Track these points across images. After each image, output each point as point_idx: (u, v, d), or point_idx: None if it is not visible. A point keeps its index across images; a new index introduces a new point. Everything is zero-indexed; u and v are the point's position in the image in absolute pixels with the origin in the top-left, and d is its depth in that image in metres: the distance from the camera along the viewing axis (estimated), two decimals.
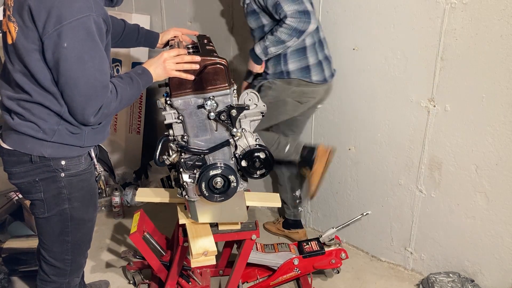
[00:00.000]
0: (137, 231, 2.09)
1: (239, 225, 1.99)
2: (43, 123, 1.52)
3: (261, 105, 1.83)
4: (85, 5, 1.40)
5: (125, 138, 3.48)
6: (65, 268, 1.75)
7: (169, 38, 2.01)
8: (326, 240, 2.35)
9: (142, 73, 1.63)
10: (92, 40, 1.42)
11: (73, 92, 1.44)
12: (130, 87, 1.57)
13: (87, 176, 1.67)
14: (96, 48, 1.43)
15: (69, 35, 1.38)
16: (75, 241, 1.71)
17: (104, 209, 3.11)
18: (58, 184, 1.60)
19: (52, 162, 1.57)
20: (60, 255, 1.72)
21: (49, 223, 1.65)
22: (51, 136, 1.53)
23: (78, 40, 1.39)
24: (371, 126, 2.41)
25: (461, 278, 2.26)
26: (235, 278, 2.08)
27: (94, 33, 1.42)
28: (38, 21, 1.40)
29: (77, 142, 1.58)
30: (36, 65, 1.46)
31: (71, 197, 1.63)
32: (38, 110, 1.52)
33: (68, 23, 1.37)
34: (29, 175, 1.58)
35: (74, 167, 1.61)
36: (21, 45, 1.45)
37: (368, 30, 2.26)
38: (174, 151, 1.82)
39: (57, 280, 1.77)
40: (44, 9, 1.38)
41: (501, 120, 2.00)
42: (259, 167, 1.80)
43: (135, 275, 2.40)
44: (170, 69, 1.65)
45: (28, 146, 1.54)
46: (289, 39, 2.14)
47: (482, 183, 2.13)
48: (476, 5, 1.92)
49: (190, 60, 1.66)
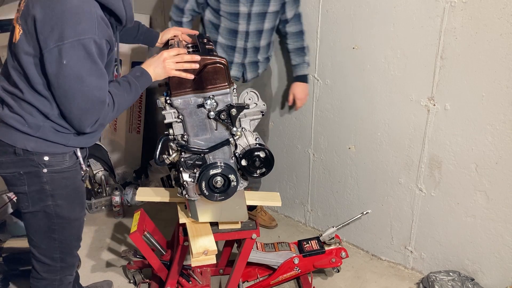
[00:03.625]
0: (137, 231, 2.09)
1: (239, 224, 1.99)
2: (29, 117, 1.55)
3: (261, 104, 1.83)
4: (88, 27, 1.41)
5: (125, 138, 3.48)
6: (55, 265, 1.77)
7: (169, 37, 2.01)
8: (326, 239, 2.35)
9: (141, 75, 1.64)
10: (92, 61, 1.44)
11: (70, 105, 1.47)
12: (128, 94, 1.60)
13: (72, 174, 1.67)
14: (95, 67, 1.45)
15: (69, 53, 1.40)
16: (63, 239, 1.73)
17: (105, 208, 3.11)
18: (41, 179, 1.61)
19: (35, 157, 1.58)
20: (49, 253, 1.74)
21: (35, 219, 1.67)
22: (35, 131, 1.56)
23: (78, 59, 1.41)
24: (371, 125, 2.41)
25: (461, 276, 2.27)
26: (236, 277, 2.08)
27: (94, 54, 1.43)
28: (41, 34, 1.41)
29: (61, 140, 1.60)
30: (31, 69, 1.49)
31: (54, 194, 1.64)
32: (27, 106, 1.55)
33: (69, 42, 1.39)
34: (13, 166, 1.60)
35: (57, 164, 1.62)
36: (21, 48, 1.48)
37: (367, 29, 2.26)
38: (174, 151, 1.82)
39: (48, 277, 1.79)
40: (49, 24, 1.40)
41: (501, 119, 2.00)
42: (259, 166, 1.80)
43: (135, 275, 2.40)
44: (170, 69, 1.65)
45: (12, 138, 1.57)
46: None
47: (482, 181, 2.13)
48: (476, 4, 1.92)
49: (190, 60, 1.66)
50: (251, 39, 2.34)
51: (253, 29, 2.31)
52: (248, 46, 2.35)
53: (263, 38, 2.37)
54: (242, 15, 2.26)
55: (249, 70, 2.44)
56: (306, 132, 2.72)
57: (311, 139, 2.70)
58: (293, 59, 2.50)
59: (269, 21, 2.34)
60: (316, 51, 2.51)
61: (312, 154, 2.75)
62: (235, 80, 2.37)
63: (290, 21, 2.41)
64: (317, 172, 2.77)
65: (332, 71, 2.49)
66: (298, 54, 2.47)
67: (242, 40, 2.33)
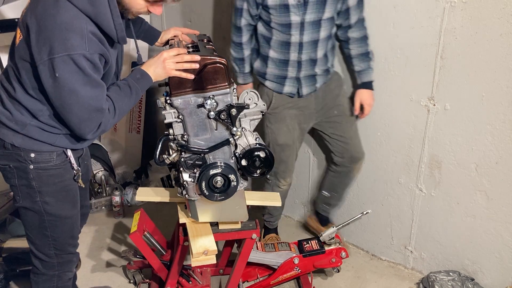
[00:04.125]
0: (137, 231, 2.09)
1: (240, 224, 1.99)
2: (17, 114, 1.57)
3: (261, 104, 1.83)
4: (78, 43, 1.41)
5: (125, 138, 3.48)
6: (51, 261, 1.79)
7: (169, 37, 2.01)
8: (326, 239, 2.35)
9: (141, 77, 1.65)
10: (84, 74, 1.44)
11: (68, 115, 1.50)
12: (129, 97, 1.61)
13: (59, 172, 1.67)
14: (88, 79, 1.46)
15: (61, 67, 1.41)
16: (55, 236, 1.74)
17: (105, 208, 3.11)
18: (28, 175, 1.63)
19: (22, 153, 1.61)
20: (43, 249, 1.76)
21: (27, 214, 1.71)
22: (21, 128, 1.58)
23: (70, 73, 1.42)
24: (371, 124, 2.41)
25: (461, 276, 2.27)
26: (236, 277, 2.08)
27: (85, 68, 1.44)
28: (34, 45, 1.43)
29: (47, 140, 1.61)
30: (26, 74, 1.52)
31: (42, 191, 1.65)
32: (17, 104, 1.57)
33: (59, 57, 1.40)
34: (4, 159, 1.64)
35: (43, 161, 1.63)
36: (18, 53, 1.52)
37: (368, 28, 2.26)
38: (174, 151, 1.82)
39: (46, 273, 1.81)
40: (41, 37, 1.42)
41: (501, 119, 2.00)
42: (259, 166, 1.80)
43: (135, 275, 2.40)
44: (170, 69, 1.65)
45: (2, 132, 1.60)
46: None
47: (482, 181, 2.13)
48: (476, 3, 1.92)
49: (190, 59, 1.66)
50: (306, 51, 2.16)
51: (308, 40, 2.14)
52: (302, 58, 2.18)
53: (319, 48, 2.18)
54: (295, 25, 2.09)
55: (305, 84, 2.25)
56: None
57: (311, 139, 2.70)
58: (357, 65, 2.28)
59: (325, 29, 2.15)
60: None
61: (312, 154, 2.75)
62: (289, 96, 2.27)
63: (353, 26, 2.20)
64: (317, 172, 2.77)
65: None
66: (362, 60, 2.26)
67: (296, 52, 2.16)
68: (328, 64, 2.28)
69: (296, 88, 2.26)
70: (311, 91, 2.28)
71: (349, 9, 2.17)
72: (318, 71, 2.24)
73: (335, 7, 2.14)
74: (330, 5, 2.11)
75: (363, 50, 2.25)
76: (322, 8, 2.10)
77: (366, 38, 2.24)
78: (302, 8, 2.07)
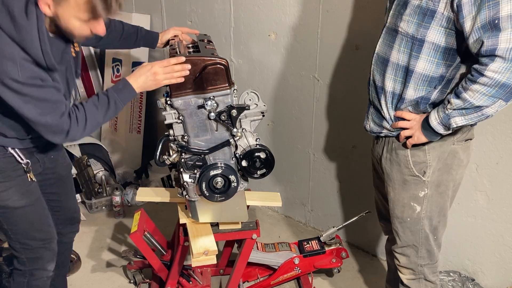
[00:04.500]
0: (137, 231, 2.09)
1: (240, 224, 1.99)
2: None
3: (261, 104, 1.83)
4: (10, 69, 1.40)
5: (125, 138, 3.48)
6: (21, 256, 1.79)
7: (169, 37, 2.01)
8: (326, 239, 2.35)
9: (124, 88, 1.64)
10: (22, 95, 1.44)
11: (30, 123, 1.52)
12: (105, 109, 1.60)
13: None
14: (29, 98, 1.46)
15: (1, 89, 1.43)
16: (14, 230, 1.73)
17: (105, 208, 3.11)
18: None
19: None
20: (10, 242, 1.77)
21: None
22: None
23: (9, 96, 1.44)
24: None
25: (462, 277, 2.26)
26: (236, 278, 2.08)
27: (21, 90, 1.43)
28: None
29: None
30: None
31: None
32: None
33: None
34: None
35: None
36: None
37: (368, 28, 2.26)
38: (174, 151, 1.82)
39: (19, 268, 1.81)
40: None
41: (501, 119, 2.00)
42: (260, 167, 1.80)
43: (135, 275, 2.40)
44: (160, 80, 1.64)
45: None
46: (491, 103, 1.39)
47: (482, 182, 2.13)
48: None
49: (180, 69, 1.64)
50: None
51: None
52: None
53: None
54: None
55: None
56: (306, 132, 2.72)
57: (311, 139, 2.70)
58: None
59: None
60: (316, 51, 2.50)
61: (313, 154, 2.75)
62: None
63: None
64: (318, 172, 2.77)
65: (333, 71, 2.48)
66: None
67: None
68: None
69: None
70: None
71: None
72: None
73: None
74: None
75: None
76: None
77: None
78: None
